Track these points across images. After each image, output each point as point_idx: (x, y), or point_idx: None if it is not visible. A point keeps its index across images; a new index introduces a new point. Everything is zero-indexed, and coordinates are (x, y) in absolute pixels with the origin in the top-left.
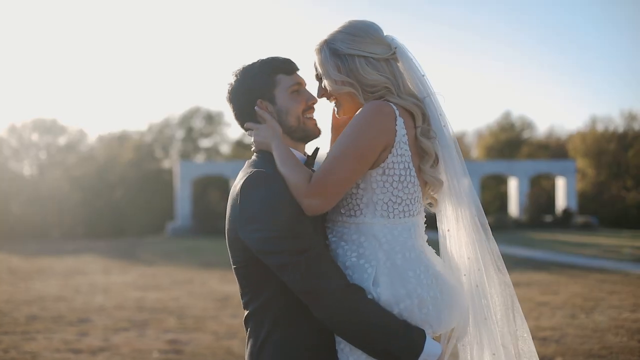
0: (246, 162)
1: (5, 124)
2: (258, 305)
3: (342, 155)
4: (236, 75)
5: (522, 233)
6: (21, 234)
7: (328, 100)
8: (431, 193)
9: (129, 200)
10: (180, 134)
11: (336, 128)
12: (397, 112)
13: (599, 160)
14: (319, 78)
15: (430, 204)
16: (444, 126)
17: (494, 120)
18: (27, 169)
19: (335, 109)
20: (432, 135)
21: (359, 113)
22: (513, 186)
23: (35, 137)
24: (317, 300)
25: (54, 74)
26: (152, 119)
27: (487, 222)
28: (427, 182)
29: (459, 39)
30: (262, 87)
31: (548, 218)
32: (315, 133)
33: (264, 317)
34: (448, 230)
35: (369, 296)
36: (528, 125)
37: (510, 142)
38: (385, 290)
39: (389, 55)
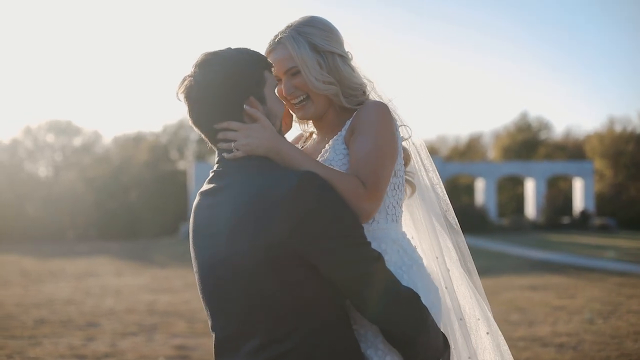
0: (223, 173)
1: (21, 126)
2: (301, 339)
3: (381, 156)
4: (212, 65)
5: (539, 235)
6: (35, 235)
7: (293, 99)
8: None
9: (144, 202)
10: (195, 135)
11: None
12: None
13: (616, 161)
14: (292, 74)
15: None
16: (408, 130)
17: (511, 121)
18: (42, 170)
19: (301, 110)
20: (405, 137)
21: (369, 113)
22: (530, 187)
23: (50, 138)
24: (392, 310)
25: (69, 75)
26: (167, 120)
27: (456, 222)
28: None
29: (475, 40)
30: (253, 83)
31: (565, 220)
32: None
33: (314, 352)
34: (412, 238)
35: None
36: (545, 125)
37: (527, 143)
38: (424, 295)
39: (351, 57)
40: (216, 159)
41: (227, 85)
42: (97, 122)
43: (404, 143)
